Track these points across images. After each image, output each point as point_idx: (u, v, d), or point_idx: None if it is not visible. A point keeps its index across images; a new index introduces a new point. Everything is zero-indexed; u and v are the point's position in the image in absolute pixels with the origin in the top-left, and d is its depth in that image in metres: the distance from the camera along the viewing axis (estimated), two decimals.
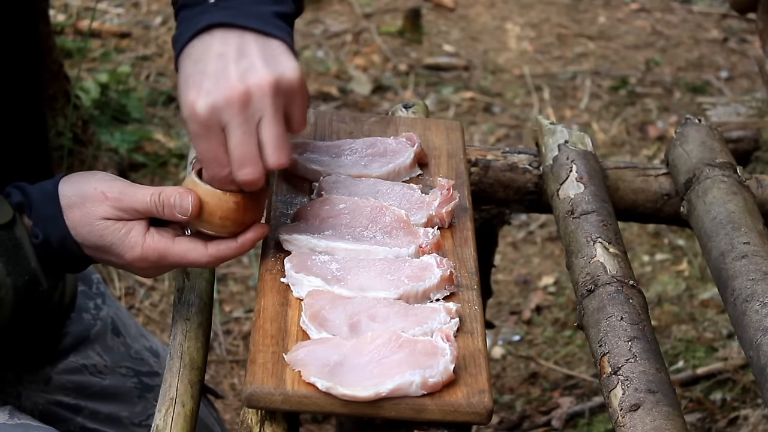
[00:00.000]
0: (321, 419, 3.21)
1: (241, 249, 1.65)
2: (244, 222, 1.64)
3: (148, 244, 1.62)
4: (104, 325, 2.09)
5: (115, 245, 1.62)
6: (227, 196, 1.62)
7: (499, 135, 4.54)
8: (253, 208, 1.65)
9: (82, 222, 1.62)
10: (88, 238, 1.63)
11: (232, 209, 1.62)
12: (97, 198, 1.62)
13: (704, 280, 3.65)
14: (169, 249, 1.63)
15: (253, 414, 1.58)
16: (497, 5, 5.44)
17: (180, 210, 1.61)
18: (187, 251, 1.63)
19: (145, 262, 1.63)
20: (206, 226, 1.63)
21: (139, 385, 2.08)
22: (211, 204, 1.62)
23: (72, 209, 1.62)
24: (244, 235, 1.65)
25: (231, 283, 3.73)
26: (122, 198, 1.61)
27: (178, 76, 1.64)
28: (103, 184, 1.63)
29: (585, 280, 1.76)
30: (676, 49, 5.12)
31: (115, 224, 1.62)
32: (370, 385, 1.51)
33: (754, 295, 1.65)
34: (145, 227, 1.63)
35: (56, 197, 1.63)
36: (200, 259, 1.63)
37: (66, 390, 2.02)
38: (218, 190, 1.62)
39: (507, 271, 3.85)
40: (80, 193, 1.63)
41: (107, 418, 2.03)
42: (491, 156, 2.16)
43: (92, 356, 2.06)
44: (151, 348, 2.14)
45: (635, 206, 2.12)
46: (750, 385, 3.12)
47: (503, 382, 3.40)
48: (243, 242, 1.64)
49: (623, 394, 1.53)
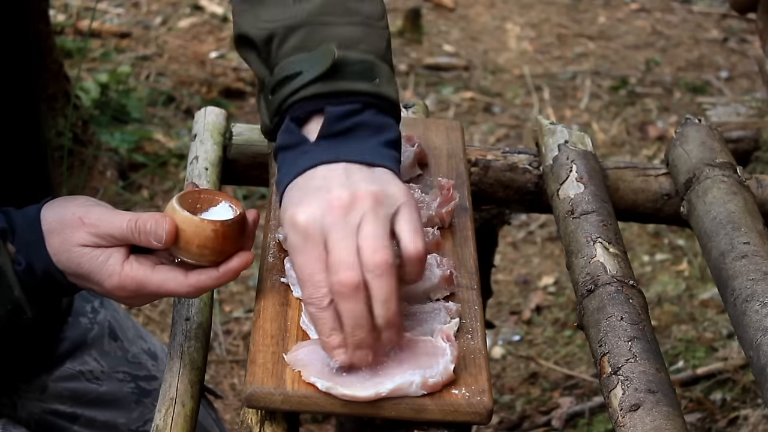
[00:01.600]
0: (321, 419, 3.21)
1: (222, 279, 1.58)
2: (224, 251, 1.57)
3: (126, 272, 1.57)
4: (101, 329, 2.07)
5: (93, 273, 1.57)
6: (205, 224, 1.55)
7: (499, 135, 4.54)
8: (235, 237, 1.58)
9: (61, 249, 1.58)
10: (67, 265, 1.58)
11: (210, 237, 1.55)
12: (74, 224, 1.57)
13: (704, 280, 3.65)
14: (147, 278, 1.57)
15: (253, 414, 1.58)
16: (497, 5, 5.44)
17: (155, 237, 1.55)
18: (166, 281, 1.57)
19: (124, 291, 1.58)
20: (185, 254, 1.57)
21: (136, 390, 2.07)
22: (188, 232, 1.55)
23: (52, 235, 1.58)
24: (227, 264, 1.57)
25: (231, 283, 3.73)
26: (99, 225, 1.57)
27: (281, 212, 1.58)
28: (81, 209, 1.59)
29: (585, 280, 1.76)
30: (676, 49, 5.13)
31: (93, 251, 1.57)
32: (370, 385, 1.51)
33: (754, 295, 1.65)
34: (124, 255, 1.57)
35: (38, 223, 1.59)
36: (179, 289, 1.57)
37: (62, 398, 2.00)
38: (196, 217, 1.56)
39: (507, 271, 3.85)
40: (59, 219, 1.59)
41: (104, 426, 2.02)
42: (491, 156, 2.16)
43: (89, 362, 2.04)
44: (149, 350, 2.13)
45: (635, 206, 2.12)
46: (750, 385, 3.12)
47: (503, 382, 3.40)
48: (225, 272, 1.57)
49: (623, 394, 1.53)
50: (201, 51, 4.91)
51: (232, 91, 4.65)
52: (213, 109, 2.19)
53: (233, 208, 1.60)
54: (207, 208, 1.61)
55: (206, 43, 4.99)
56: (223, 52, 4.93)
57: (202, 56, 4.86)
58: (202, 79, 4.67)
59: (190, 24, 5.13)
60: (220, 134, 2.14)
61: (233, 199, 1.62)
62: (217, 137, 2.12)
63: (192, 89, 4.62)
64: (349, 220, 1.50)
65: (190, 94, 4.58)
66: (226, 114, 2.19)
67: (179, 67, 4.77)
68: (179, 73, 4.71)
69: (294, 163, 1.58)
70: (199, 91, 4.61)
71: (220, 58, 4.89)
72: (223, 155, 2.12)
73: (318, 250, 1.50)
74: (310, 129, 1.60)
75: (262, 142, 2.13)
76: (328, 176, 1.54)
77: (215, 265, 1.58)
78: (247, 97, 4.67)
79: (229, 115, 2.53)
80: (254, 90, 4.66)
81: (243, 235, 1.59)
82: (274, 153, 1.65)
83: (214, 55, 4.90)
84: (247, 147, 2.14)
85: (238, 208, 1.60)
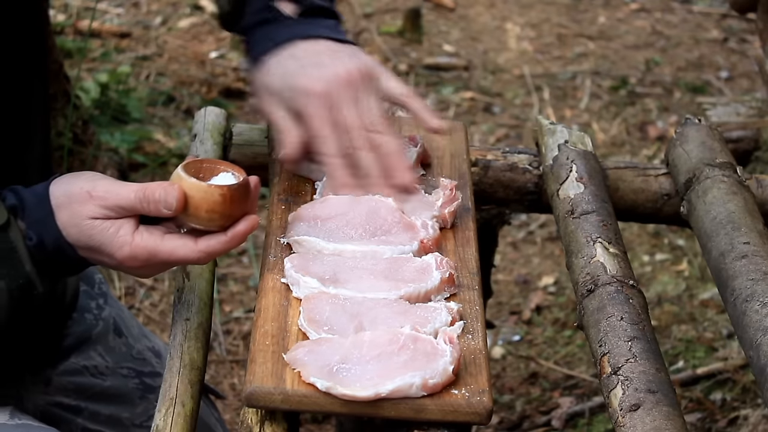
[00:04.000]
0: (321, 419, 3.21)
1: (231, 242, 1.63)
2: (233, 215, 1.62)
3: (137, 242, 1.60)
4: (106, 325, 2.08)
5: (105, 245, 1.61)
6: (213, 189, 1.60)
7: (499, 135, 4.54)
8: (241, 201, 1.62)
9: (71, 223, 1.61)
10: (78, 239, 1.61)
11: (218, 202, 1.60)
12: (82, 198, 1.61)
13: (704, 280, 3.65)
14: (158, 246, 1.61)
15: (253, 414, 1.58)
16: (497, 5, 5.44)
17: (165, 205, 1.59)
18: (176, 248, 1.61)
19: (136, 261, 1.62)
20: (194, 220, 1.61)
21: (140, 385, 2.08)
22: (196, 197, 1.60)
23: (61, 210, 1.61)
24: (234, 228, 1.62)
25: (231, 283, 3.73)
26: (107, 197, 1.60)
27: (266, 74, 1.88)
28: (88, 183, 1.62)
29: (585, 280, 1.76)
30: (676, 49, 5.12)
31: (103, 223, 1.60)
32: (369, 385, 1.51)
33: (754, 295, 1.65)
34: (133, 225, 1.61)
35: (47, 199, 1.62)
36: (190, 255, 1.61)
37: (66, 391, 2.01)
38: (204, 183, 1.61)
39: (507, 271, 3.85)
40: (67, 194, 1.62)
41: (108, 420, 2.03)
42: (491, 156, 2.16)
43: (93, 357, 2.05)
44: (154, 348, 2.14)
45: (635, 206, 2.12)
46: (750, 385, 3.12)
47: (503, 382, 3.40)
48: (233, 235, 1.62)
49: (623, 394, 1.53)
50: (201, 51, 4.91)
51: (232, 91, 4.65)
52: (213, 109, 2.19)
53: (235, 175, 1.65)
54: (210, 177, 1.65)
55: (206, 43, 4.99)
56: (223, 52, 4.93)
57: (202, 56, 4.86)
58: (202, 79, 4.67)
59: (190, 24, 5.13)
60: (220, 134, 2.14)
61: (234, 166, 1.67)
62: (217, 137, 2.12)
63: (192, 89, 4.62)
64: (351, 94, 1.83)
65: (190, 94, 4.58)
66: (226, 114, 2.19)
67: (179, 67, 4.76)
68: (179, 73, 4.71)
69: (278, 33, 1.90)
70: (199, 91, 4.61)
71: (220, 58, 4.89)
72: (223, 155, 2.12)
73: (328, 113, 1.83)
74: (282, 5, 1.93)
75: (263, 142, 2.13)
76: (318, 51, 1.88)
77: (223, 230, 1.62)
78: (247, 97, 4.66)
79: (229, 115, 2.53)
80: None
81: (248, 200, 1.64)
82: (244, 29, 1.96)
83: (214, 55, 4.90)
84: (247, 147, 2.14)
85: (240, 174, 1.65)
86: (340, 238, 1.75)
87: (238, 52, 4.91)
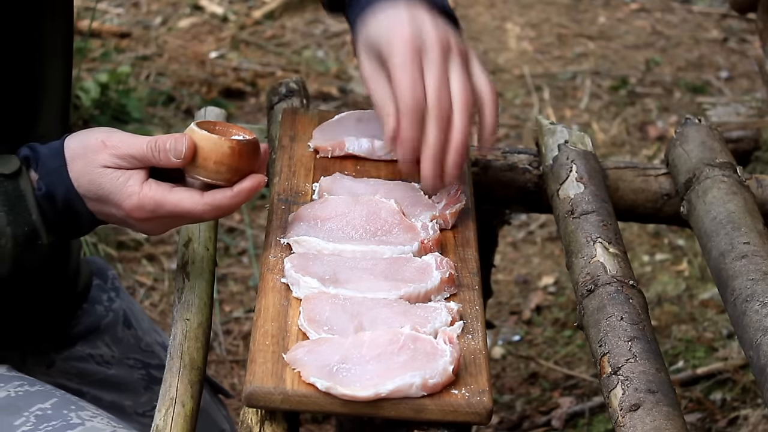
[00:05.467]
0: (321, 419, 3.21)
1: (236, 198, 1.65)
2: (240, 169, 1.66)
3: (145, 192, 1.64)
4: (116, 316, 2.10)
5: (114, 193, 1.64)
6: (222, 141, 1.64)
7: (499, 135, 4.54)
8: (249, 156, 1.66)
9: (84, 171, 1.65)
10: (89, 188, 1.65)
11: (227, 154, 1.64)
12: (97, 147, 1.65)
13: (704, 280, 3.65)
14: (165, 197, 1.64)
15: (253, 414, 1.58)
16: (497, 5, 5.44)
17: (174, 153, 1.63)
18: (182, 199, 1.65)
19: (142, 212, 1.65)
20: (202, 171, 1.65)
21: (146, 376, 2.09)
22: (206, 149, 1.64)
23: (75, 161, 1.65)
24: (241, 184, 1.66)
25: (231, 283, 3.73)
26: (120, 146, 1.64)
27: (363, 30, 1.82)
28: (103, 134, 1.67)
29: (585, 280, 1.76)
30: (676, 49, 5.12)
31: (114, 172, 1.64)
32: (369, 385, 1.51)
33: (754, 295, 1.65)
34: (143, 176, 1.65)
35: (62, 151, 1.66)
36: (195, 207, 1.65)
37: (69, 375, 2.03)
38: (214, 135, 1.65)
39: (507, 271, 3.84)
40: (83, 144, 1.66)
41: (110, 405, 2.04)
42: (491, 156, 2.16)
43: (100, 346, 2.07)
44: (163, 343, 2.16)
45: (635, 206, 2.12)
46: (750, 385, 3.12)
47: (503, 382, 3.40)
48: (239, 191, 1.65)
49: (623, 394, 1.53)
50: (201, 51, 4.91)
51: (232, 91, 4.65)
52: (213, 109, 2.19)
53: (246, 137, 1.69)
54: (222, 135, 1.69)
55: (206, 43, 4.99)
56: (223, 52, 4.93)
57: (202, 56, 4.86)
58: (202, 79, 4.67)
59: (190, 24, 5.13)
60: None
61: (246, 130, 1.71)
62: None
63: (192, 89, 4.62)
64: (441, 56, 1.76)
65: (190, 94, 4.58)
66: (226, 114, 2.20)
67: (179, 67, 4.77)
68: (179, 73, 4.71)
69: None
70: (199, 91, 4.61)
71: (220, 58, 4.89)
72: None
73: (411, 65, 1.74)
74: None
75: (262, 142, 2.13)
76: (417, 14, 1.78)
77: (230, 185, 1.65)
78: (247, 97, 4.66)
79: (229, 115, 2.54)
80: (254, 90, 4.67)
81: (257, 159, 1.68)
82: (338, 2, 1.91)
83: (214, 55, 4.90)
84: None
85: (250, 136, 1.69)
86: (340, 239, 1.75)
87: (238, 52, 4.92)
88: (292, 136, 2.00)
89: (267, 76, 4.76)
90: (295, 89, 2.20)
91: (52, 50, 1.86)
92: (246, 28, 5.11)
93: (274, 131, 2.09)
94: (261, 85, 4.69)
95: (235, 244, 3.87)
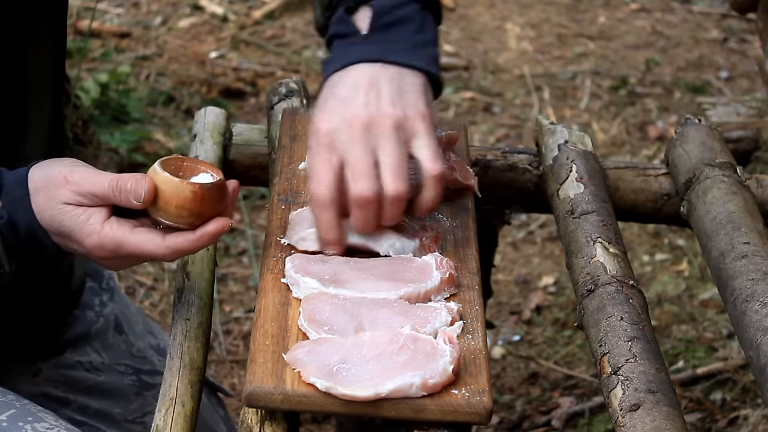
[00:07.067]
0: (321, 419, 3.21)
1: (199, 242, 1.62)
2: (202, 213, 1.61)
3: (106, 232, 1.60)
4: (107, 322, 2.08)
5: (75, 231, 1.61)
6: (184, 185, 1.60)
7: (499, 135, 4.53)
8: (213, 200, 1.61)
9: (45, 206, 1.62)
10: (50, 224, 1.62)
11: (188, 198, 1.59)
12: (59, 182, 1.61)
13: (704, 280, 3.65)
14: (125, 238, 1.60)
15: (253, 414, 1.58)
16: (497, 5, 5.44)
17: (134, 196, 1.59)
18: (143, 242, 1.61)
19: (103, 251, 1.61)
20: (163, 215, 1.61)
21: (137, 383, 2.07)
22: (167, 192, 1.60)
23: (38, 193, 1.62)
24: (204, 227, 1.61)
25: (231, 283, 3.73)
26: (81, 183, 1.61)
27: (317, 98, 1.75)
28: (66, 168, 1.63)
29: (585, 280, 1.76)
30: (676, 49, 5.12)
31: (75, 209, 1.61)
32: (369, 385, 1.51)
33: (754, 295, 1.65)
34: (105, 215, 1.61)
35: (26, 181, 1.63)
36: (156, 250, 1.61)
37: (56, 383, 2.01)
38: (175, 178, 1.60)
39: (507, 271, 3.84)
40: (46, 177, 1.63)
41: (97, 413, 2.02)
42: (491, 156, 2.16)
43: (89, 353, 2.04)
44: (158, 346, 2.13)
45: (635, 206, 2.12)
46: (750, 385, 3.12)
47: (503, 382, 3.40)
48: (201, 235, 1.61)
49: (623, 394, 1.53)
50: (201, 51, 4.91)
51: (232, 91, 4.65)
52: (213, 109, 2.19)
53: (214, 177, 1.64)
54: (189, 176, 1.64)
55: (206, 43, 4.99)
56: (223, 52, 4.93)
57: (202, 56, 4.86)
58: (202, 79, 4.67)
59: (190, 24, 5.13)
60: (220, 134, 2.14)
61: (215, 169, 1.66)
62: (217, 137, 2.12)
63: (192, 89, 4.62)
64: (369, 139, 1.67)
65: (190, 94, 4.58)
66: (226, 114, 2.19)
67: (179, 67, 4.76)
68: (179, 73, 4.71)
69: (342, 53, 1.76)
70: (199, 91, 4.61)
71: (220, 58, 4.89)
72: (223, 155, 2.12)
73: (332, 157, 1.68)
74: (358, 18, 1.78)
75: (262, 142, 2.13)
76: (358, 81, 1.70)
77: (193, 228, 1.61)
78: (247, 97, 4.66)
79: (229, 115, 2.54)
80: (254, 90, 4.67)
81: (222, 201, 1.63)
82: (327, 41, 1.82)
83: (214, 55, 4.90)
84: (247, 147, 2.14)
85: (218, 175, 1.64)
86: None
87: (238, 52, 4.92)
88: (292, 136, 2.00)
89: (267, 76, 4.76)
90: (295, 89, 2.20)
91: (41, 71, 1.83)
92: (246, 28, 5.11)
93: (274, 131, 2.09)
94: (261, 85, 4.69)
95: (235, 244, 3.87)
